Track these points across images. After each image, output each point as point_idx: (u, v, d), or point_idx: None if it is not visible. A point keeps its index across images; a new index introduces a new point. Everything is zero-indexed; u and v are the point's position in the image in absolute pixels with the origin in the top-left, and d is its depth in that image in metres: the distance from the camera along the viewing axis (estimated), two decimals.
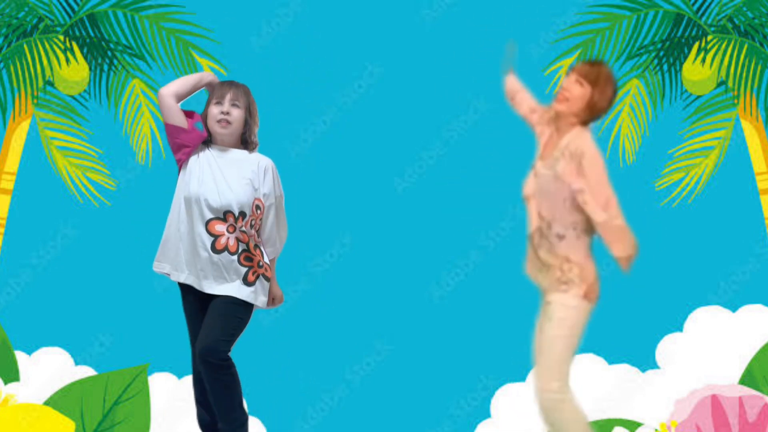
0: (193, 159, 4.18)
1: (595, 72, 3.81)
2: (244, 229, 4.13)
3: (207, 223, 4.10)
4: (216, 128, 4.18)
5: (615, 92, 3.86)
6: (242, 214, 4.12)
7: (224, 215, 4.10)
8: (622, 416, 5.31)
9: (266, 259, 4.25)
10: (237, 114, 4.17)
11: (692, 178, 5.64)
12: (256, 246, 4.20)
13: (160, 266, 4.23)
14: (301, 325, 5.53)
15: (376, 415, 5.43)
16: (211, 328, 4.10)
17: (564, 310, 3.70)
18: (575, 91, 3.80)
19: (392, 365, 5.52)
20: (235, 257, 4.12)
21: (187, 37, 5.66)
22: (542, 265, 3.81)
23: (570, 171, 3.74)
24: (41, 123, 5.65)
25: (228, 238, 4.11)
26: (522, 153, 4.17)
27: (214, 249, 4.10)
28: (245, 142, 4.24)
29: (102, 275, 5.55)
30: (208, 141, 4.24)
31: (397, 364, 5.52)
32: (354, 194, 5.62)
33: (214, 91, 4.23)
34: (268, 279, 4.24)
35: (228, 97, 4.17)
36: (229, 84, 4.24)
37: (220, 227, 4.10)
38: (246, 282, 4.16)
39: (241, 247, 4.14)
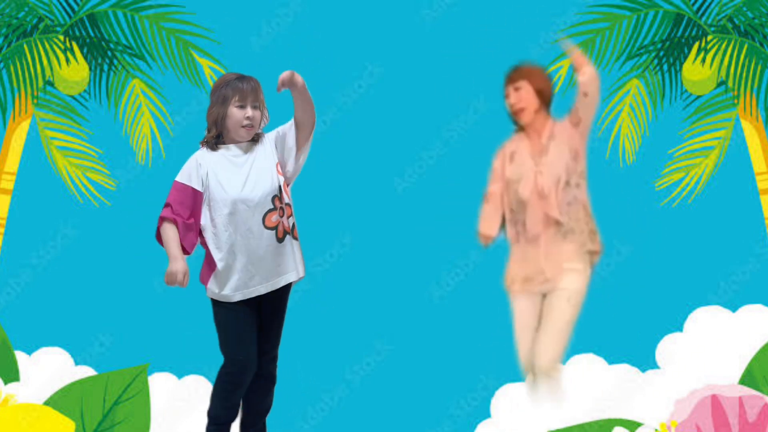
0: (211, 169, 4.15)
1: (518, 71, 4.15)
2: (287, 201, 4.18)
3: (264, 219, 4.11)
4: (241, 132, 4.18)
5: (546, 71, 4.25)
6: (280, 189, 4.16)
7: (273, 202, 4.12)
8: (622, 416, 5.31)
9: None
10: (258, 116, 4.20)
11: (692, 178, 5.64)
12: (292, 213, 4.24)
13: (230, 296, 4.19)
14: (301, 325, 5.53)
15: (376, 415, 5.43)
16: (278, 337, 4.29)
17: (577, 296, 4.04)
18: (521, 96, 4.05)
19: (392, 365, 5.52)
20: (291, 235, 4.19)
21: (187, 37, 5.66)
22: (564, 230, 3.96)
23: (569, 133, 4.07)
24: (41, 123, 5.65)
25: (282, 222, 4.14)
26: None
27: (278, 239, 4.14)
28: (255, 135, 4.26)
29: (102, 275, 5.55)
30: (212, 142, 4.21)
31: (397, 364, 5.52)
32: (354, 194, 5.62)
33: (233, 90, 4.14)
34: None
35: (250, 99, 4.16)
36: (247, 83, 4.17)
37: (275, 217, 4.13)
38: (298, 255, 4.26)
39: (291, 221, 4.21)
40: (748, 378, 5.33)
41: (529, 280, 4.10)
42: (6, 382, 5.37)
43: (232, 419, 4.33)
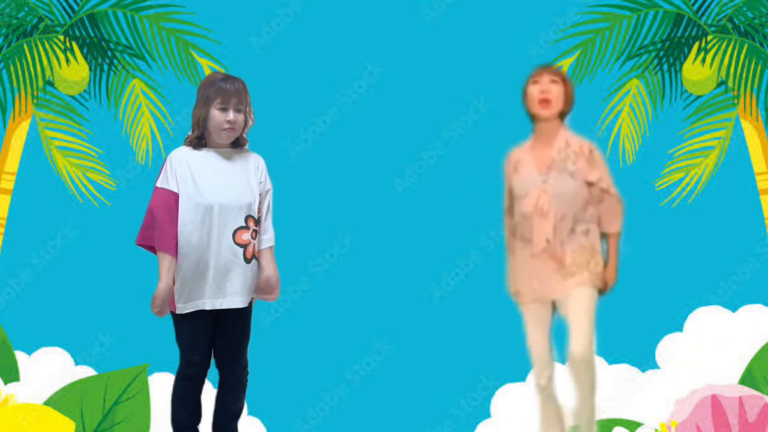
0: (186, 169, 4.08)
1: (556, 69, 4.11)
2: (256, 229, 4.14)
3: (234, 234, 4.08)
4: (222, 135, 4.10)
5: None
6: (257, 213, 4.14)
7: (246, 221, 4.10)
8: (622, 416, 5.31)
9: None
10: (241, 119, 4.10)
11: (692, 178, 5.64)
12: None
13: (186, 307, 4.13)
14: (301, 325, 5.53)
15: (376, 415, 5.43)
16: (244, 349, 4.22)
17: (591, 294, 4.07)
18: (555, 90, 4.01)
19: (392, 365, 5.52)
20: (255, 261, 4.14)
21: (187, 37, 5.66)
22: (566, 270, 3.97)
23: (582, 167, 4.00)
24: (41, 123, 5.65)
25: (253, 245, 4.12)
26: None
27: (246, 259, 4.10)
28: (238, 140, 4.21)
29: (102, 275, 5.55)
30: (194, 142, 4.18)
31: (397, 364, 5.52)
32: (354, 194, 5.62)
33: (217, 91, 4.06)
34: None
35: (233, 102, 4.06)
36: (231, 84, 4.08)
37: (246, 236, 4.10)
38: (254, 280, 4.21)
39: (256, 248, 4.15)
40: (748, 378, 5.33)
41: (536, 292, 4.09)
42: (6, 382, 5.37)
43: (196, 423, 4.31)
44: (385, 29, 5.68)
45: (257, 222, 4.13)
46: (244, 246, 4.08)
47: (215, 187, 4.07)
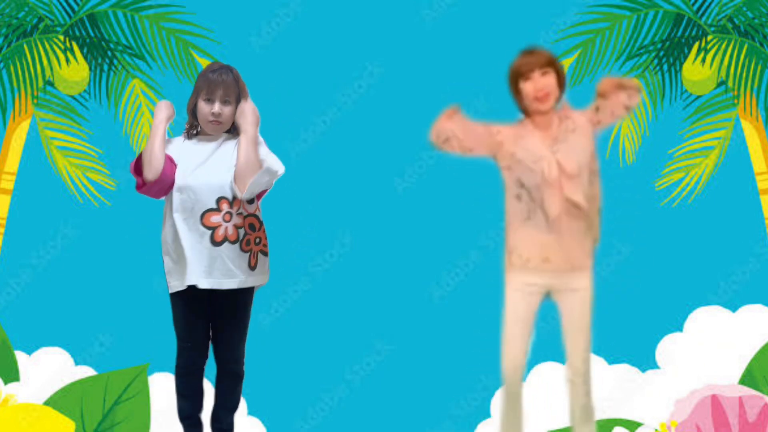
0: (174, 153, 4.14)
1: (545, 56, 3.93)
2: (241, 211, 4.11)
3: (202, 217, 4.08)
4: (209, 127, 4.14)
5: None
6: (233, 196, 4.08)
7: (218, 203, 4.07)
8: (622, 416, 5.31)
9: (263, 232, 4.21)
10: (228, 111, 4.10)
11: (692, 178, 5.64)
12: (252, 226, 4.15)
13: (178, 284, 4.16)
14: (301, 325, 5.53)
15: (376, 415, 5.43)
16: (236, 339, 4.21)
17: (591, 296, 3.97)
18: (549, 82, 3.87)
19: (392, 365, 5.52)
20: (237, 245, 4.10)
21: (187, 37, 5.66)
22: (572, 242, 3.89)
23: (584, 124, 3.93)
24: (41, 123, 5.65)
25: (225, 227, 4.08)
26: None
27: (213, 242, 4.08)
28: (233, 128, 4.20)
29: (102, 275, 5.55)
30: (187, 130, 4.19)
31: (397, 364, 5.52)
32: (354, 194, 5.62)
33: (204, 82, 4.09)
34: (266, 254, 4.22)
35: (219, 94, 4.08)
36: (218, 75, 4.10)
37: (215, 218, 4.07)
38: (250, 267, 4.15)
39: (241, 232, 4.11)
40: (748, 378, 5.33)
41: (548, 261, 3.94)
42: (6, 382, 5.37)
43: (195, 411, 4.29)
44: (385, 29, 5.68)
45: (232, 202, 4.08)
46: (212, 228, 4.07)
47: (188, 170, 4.09)
